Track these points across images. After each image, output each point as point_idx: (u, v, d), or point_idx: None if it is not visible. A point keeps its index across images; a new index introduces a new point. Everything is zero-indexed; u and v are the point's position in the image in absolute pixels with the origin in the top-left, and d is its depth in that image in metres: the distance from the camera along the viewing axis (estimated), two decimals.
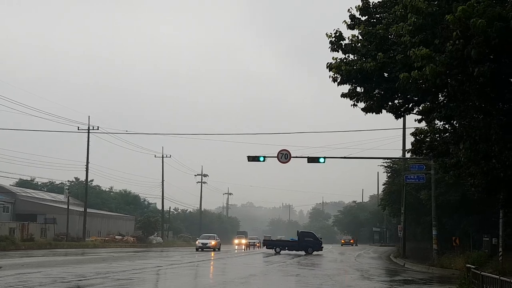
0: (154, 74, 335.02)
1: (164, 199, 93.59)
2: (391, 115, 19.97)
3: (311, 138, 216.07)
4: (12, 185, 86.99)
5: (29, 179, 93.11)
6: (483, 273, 16.10)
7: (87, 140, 68.12)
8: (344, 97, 19.59)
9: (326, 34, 19.40)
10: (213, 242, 61.75)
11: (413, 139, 21.11)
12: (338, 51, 19.37)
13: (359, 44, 18.93)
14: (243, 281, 22.95)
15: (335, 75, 18.77)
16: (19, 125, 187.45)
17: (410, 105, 19.70)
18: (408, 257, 43.90)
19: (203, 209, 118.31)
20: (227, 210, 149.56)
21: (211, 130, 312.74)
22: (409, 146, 25.77)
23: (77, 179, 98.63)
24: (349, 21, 19.66)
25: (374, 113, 19.60)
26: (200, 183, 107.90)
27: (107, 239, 75.60)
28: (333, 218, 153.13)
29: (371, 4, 19.82)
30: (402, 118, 32.44)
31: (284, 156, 37.33)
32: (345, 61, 18.82)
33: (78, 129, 66.87)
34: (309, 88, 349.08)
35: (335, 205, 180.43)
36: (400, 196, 48.90)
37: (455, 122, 18.93)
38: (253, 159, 38.08)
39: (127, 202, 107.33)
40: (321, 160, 37.14)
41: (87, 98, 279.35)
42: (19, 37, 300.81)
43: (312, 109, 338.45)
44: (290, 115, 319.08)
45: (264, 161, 38.10)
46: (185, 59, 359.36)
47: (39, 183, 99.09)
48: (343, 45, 19.30)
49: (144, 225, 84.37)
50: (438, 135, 20.58)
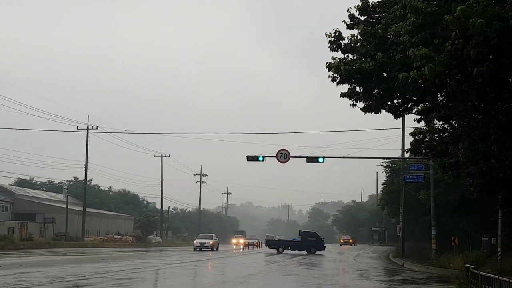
0: (154, 74, 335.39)
1: (163, 199, 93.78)
2: (390, 115, 19.99)
3: (310, 138, 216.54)
4: (11, 185, 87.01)
5: (28, 178, 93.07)
6: (482, 273, 16.11)
7: (86, 139, 68.25)
8: (343, 97, 19.59)
9: (325, 34, 19.42)
10: (211, 241, 61.47)
11: (412, 139, 21.13)
12: (337, 51, 19.37)
13: (359, 44, 18.93)
14: (241, 280, 22.96)
15: (335, 75, 18.77)
16: (19, 125, 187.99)
17: (409, 105, 19.70)
18: (407, 257, 43.93)
19: (202, 209, 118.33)
20: (226, 209, 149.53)
21: (211, 130, 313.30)
22: (408, 146, 25.80)
23: (76, 178, 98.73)
24: (348, 21, 19.65)
25: (373, 112, 19.60)
26: (199, 183, 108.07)
27: (106, 238, 75.57)
28: (332, 217, 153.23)
29: (370, 4, 19.81)
30: (401, 118, 32.45)
31: (283, 155, 37.33)
32: (344, 61, 18.82)
33: (77, 129, 67.03)
34: (309, 88, 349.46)
35: (334, 205, 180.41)
36: (399, 196, 48.91)
37: (454, 122, 18.95)
38: (252, 158, 38.07)
39: (126, 201, 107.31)
40: (320, 159, 37.13)
41: (87, 98, 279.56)
42: (19, 37, 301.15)
43: (312, 109, 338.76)
44: (290, 115, 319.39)
45: (263, 160, 38.09)
46: (185, 59, 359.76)
47: (38, 183, 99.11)
48: (343, 45, 19.30)
49: (143, 224, 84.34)
50: (437, 135, 20.59)
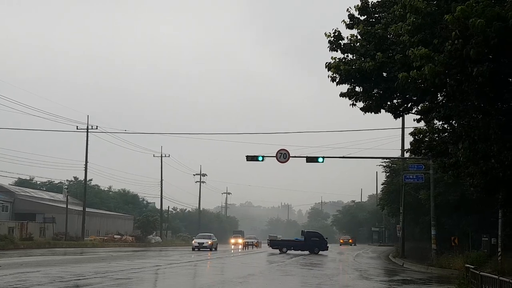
0: (154, 74, 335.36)
1: (163, 199, 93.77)
2: (390, 115, 19.97)
3: (310, 138, 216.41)
4: (11, 184, 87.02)
5: (28, 178, 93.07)
6: (482, 273, 16.10)
7: (86, 139, 68.26)
8: (343, 97, 19.57)
9: (325, 34, 19.40)
10: (209, 241, 61.10)
11: (412, 138, 21.10)
12: (337, 51, 19.35)
13: (358, 43, 18.91)
14: (241, 280, 22.94)
15: (334, 75, 18.76)
16: (19, 125, 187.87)
17: (409, 105, 19.69)
18: (407, 257, 43.92)
19: (202, 209, 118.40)
20: (226, 209, 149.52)
21: (211, 130, 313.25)
22: (408, 145, 25.82)
23: (76, 178, 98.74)
24: (348, 20, 19.63)
25: (373, 112, 19.58)
26: (199, 183, 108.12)
27: (106, 238, 75.55)
28: (332, 217, 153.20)
29: (370, 3, 19.79)
30: (401, 117, 32.41)
31: (283, 155, 37.31)
32: (344, 60, 18.80)
33: (77, 129, 67.01)
34: (309, 88, 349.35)
35: (334, 205, 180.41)
36: (399, 196, 48.90)
37: (454, 122, 18.92)
38: (252, 158, 38.05)
39: (126, 201, 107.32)
40: (320, 159, 37.12)
41: (87, 98, 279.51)
42: (19, 37, 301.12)
43: (312, 109, 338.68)
44: (290, 115, 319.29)
45: (262, 160, 38.06)
46: (185, 59, 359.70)
47: (38, 183, 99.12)
48: (342, 44, 19.28)
49: (143, 224, 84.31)
50: (437, 135, 20.57)
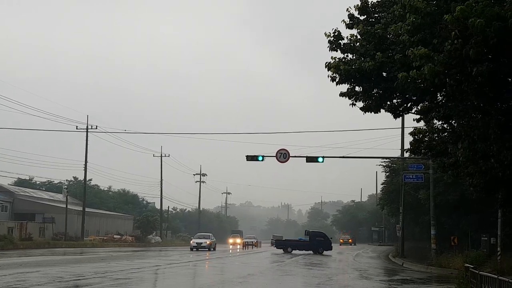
0: (154, 74, 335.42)
1: (162, 199, 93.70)
2: (389, 115, 19.95)
3: (310, 137, 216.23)
4: (10, 184, 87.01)
5: (28, 178, 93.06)
6: (481, 272, 16.10)
7: (85, 139, 68.26)
8: (342, 96, 19.56)
9: (324, 33, 19.37)
10: (207, 241, 60.53)
11: (411, 138, 21.10)
12: (336, 51, 19.34)
13: (358, 43, 18.90)
14: (241, 280, 22.94)
15: (334, 75, 18.75)
16: (18, 125, 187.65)
17: (408, 105, 19.68)
18: (406, 257, 43.94)
19: (202, 209, 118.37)
20: (226, 209, 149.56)
21: (211, 130, 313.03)
22: (407, 145, 25.82)
23: (75, 178, 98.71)
24: (347, 20, 19.62)
25: (372, 112, 19.57)
26: (198, 183, 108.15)
27: (105, 238, 75.52)
28: (332, 217, 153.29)
29: (369, 3, 19.78)
30: (400, 117, 32.37)
31: (283, 155, 37.32)
32: (343, 60, 18.79)
33: (76, 129, 67.03)
34: (309, 88, 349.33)
35: (333, 205, 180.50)
36: (398, 195, 48.91)
37: (454, 121, 18.92)
38: (252, 158, 38.05)
39: (126, 201, 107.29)
40: (320, 159, 37.13)
41: (87, 98, 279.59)
42: (19, 37, 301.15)
43: (311, 109, 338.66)
44: (290, 115, 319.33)
45: (262, 160, 38.08)
46: (185, 59, 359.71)
47: (38, 182, 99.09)
48: (342, 44, 19.27)
49: (142, 224, 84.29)
50: (436, 135, 20.56)
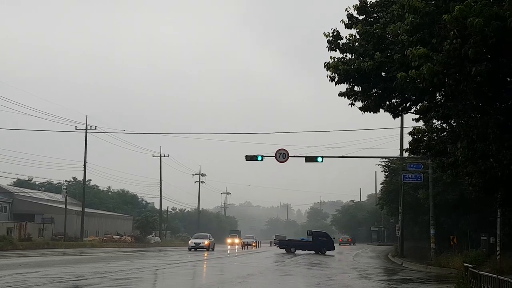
0: (154, 74, 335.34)
1: (162, 199, 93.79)
2: (388, 115, 19.96)
3: (309, 137, 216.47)
4: (9, 185, 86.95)
5: (27, 178, 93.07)
6: (481, 272, 16.09)
7: (85, 140, 68.25)
8: (341, 96, 19.57)
9: (323, 33, 19.39)
10: (206, 241, 60.10)
11: (410, 138, 21.12)
12: (335, 51, 19.34)
13: (357, 43, 18.90)
14: (240, 280, 22.94)
15: (333, 75, 18.75)
16: (17, 125, 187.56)
17: (407, 105, 19.69)
18: (406, 256, 43.95)
19: (201, 209, 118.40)
20: (225, 209, 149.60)
21: (211, 130, 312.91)
22: (406, 145, 25.84)
23: (75, 178, 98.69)
24: (346, 20, 19.62)
25: (371, 112, 19.58)
26: (198, 183, 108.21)
27: (105, 239, 75.51)
28: (331, 217, 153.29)
29: (368, 3, 19.78)
30: (399, 117, 32.43)
31: (282, 155, 37.34)
32: (342, 60, 18.79)
33: (76, 129, 67.02)
34: (309, 88, 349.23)
35: (333, 205, 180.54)
36: (398, 195, 48.93)
37: (453, 121, 18.92)
38: (251, 158, 38.07)
39: (125, 201, 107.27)
40: (319, 159, 37.15)
41: (87, 98, 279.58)
42: (19, 37, 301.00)
43: (311, 109, 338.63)
44: (289, 115, 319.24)
45: (262, 160, 38.09)
46: (185, 59, 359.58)
47: (37, 183, 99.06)
48: (341, 44, 19.27)
49: (142, 224, 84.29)
50: (435, 134, 20.56)
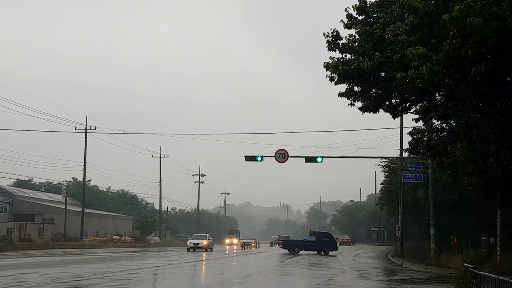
0: (153, 74, 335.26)
1: (161, 199, 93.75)
2: (388, 115, 19.96)
3: (309, 137, 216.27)
4: (9, 185, 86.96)
5: (27, 179, 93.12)
6: (481, 272, 16.09)
7: (84, 140, 68.26)
8: (341, 96, 19.57)
9: (323, 33, 19.38)
10: (205, 242, 59.81)
11: (410, 138, 21.11)
12: (335, 51, 19.33)
13: (356, 43, 18.90)
14: (240, 280, 22.94)
15: (332, 75, 18.75)
16: (17, 125, 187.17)
17: (407, 105, 19.68)
18: (406, 257, 43.95)
19: (201, 209, 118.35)
20: (225, 209, 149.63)
21: (211, 130, 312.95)
22: (406, 145, 25.82)
23: (74, 179, 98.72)
24: (346, 20, 19.62)
25: (371, 112, 19.58)
26: (197, 183, 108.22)
27: (104, 239, 75.55)
28: (331, 217, 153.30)
29: (368, 3, 19.78)
30: (399, 117, 32.41)
31: (281, 155, 37.34)
32: (342, 60, 18.78)
33: (75, 129, 67.03)
34: (309, 88, 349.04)
35: (332, 205, 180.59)
36: (397, 195, 48.93)
37: (453, 121, 18.92)
38: (251, 159, 38.07)
39: (125, 202, 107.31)
40: (319, 159, 37.14)
41: (87, 98, 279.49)
42: (19, 37, 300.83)
43: (311, 109, 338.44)
44: (289, 115, 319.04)
45: (261, 160, 38.09)
46: (185, 59, 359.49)
47: (37, 183, 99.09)
48: (340, 44, 19.26)
49: (141, 225, 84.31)
50: (435, 134, 20.55)
